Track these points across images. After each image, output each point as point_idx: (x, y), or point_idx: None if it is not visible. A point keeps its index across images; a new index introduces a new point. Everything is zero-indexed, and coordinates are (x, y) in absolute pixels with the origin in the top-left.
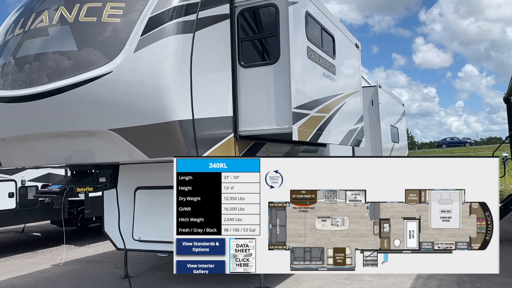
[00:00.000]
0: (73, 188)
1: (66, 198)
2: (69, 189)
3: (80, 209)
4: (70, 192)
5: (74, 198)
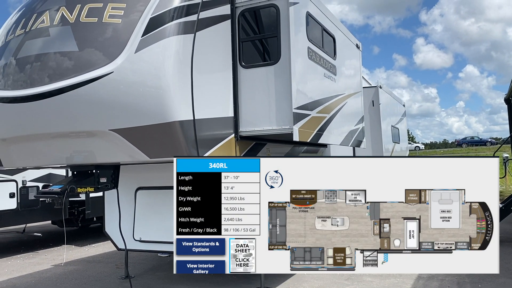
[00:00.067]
0: (74, 189)
1: (67, 199)
2: (70, 190)
3: (81, 210)
4: (71, 193)
5: (75, 199)
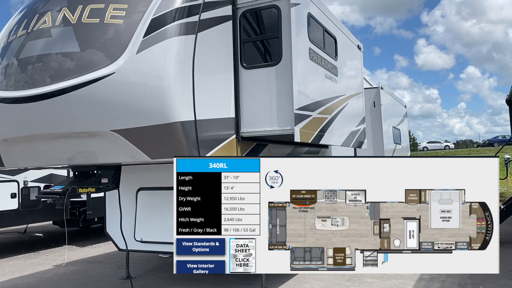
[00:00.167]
0: (75, 189)
1: (68, 199)
2: (72, 190)
3: (82, 210)
4: (73, 193)
5: (76, 199)
